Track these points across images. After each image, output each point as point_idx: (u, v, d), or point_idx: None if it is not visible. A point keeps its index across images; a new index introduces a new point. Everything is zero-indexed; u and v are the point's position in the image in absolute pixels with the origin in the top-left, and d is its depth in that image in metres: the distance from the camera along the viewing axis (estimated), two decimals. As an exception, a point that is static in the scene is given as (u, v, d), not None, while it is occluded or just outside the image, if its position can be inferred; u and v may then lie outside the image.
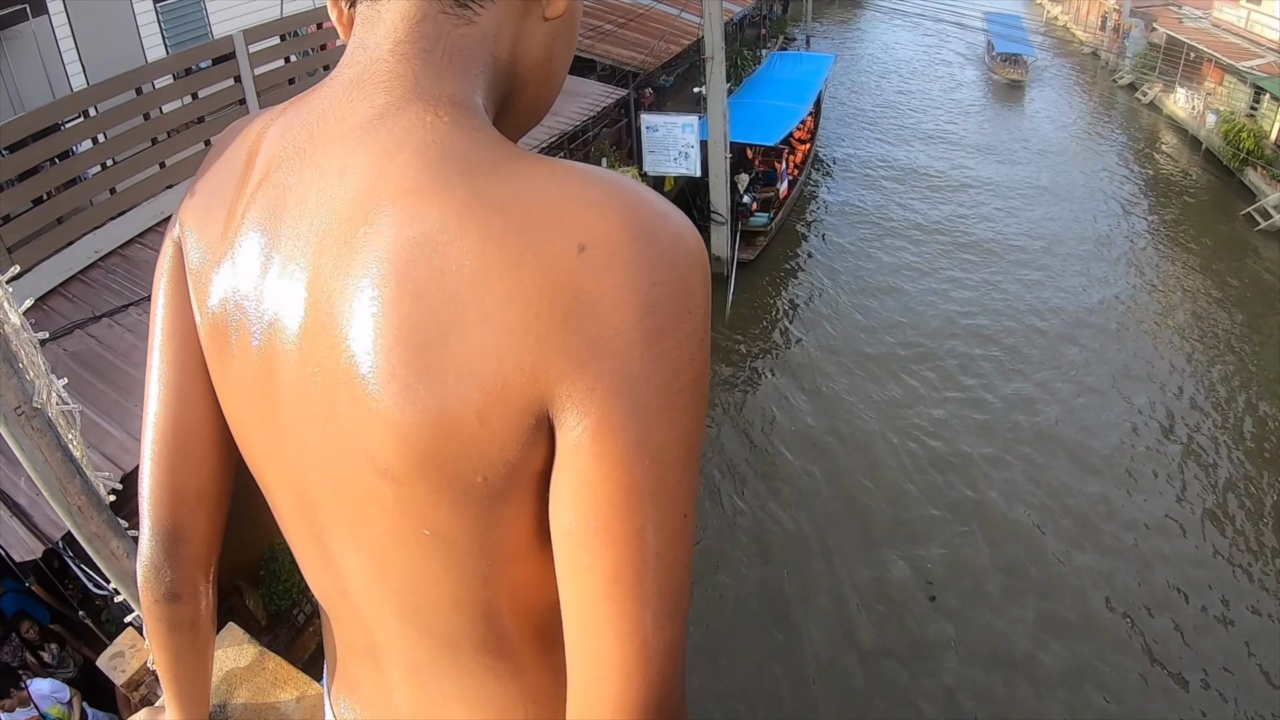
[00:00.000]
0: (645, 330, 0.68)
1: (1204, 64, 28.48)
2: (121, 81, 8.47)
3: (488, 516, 0.76)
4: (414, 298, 0.69)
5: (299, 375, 0.79)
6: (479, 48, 0.81)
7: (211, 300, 0.87)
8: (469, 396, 0.69)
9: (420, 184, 0.71)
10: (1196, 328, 17.36)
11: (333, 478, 0.80)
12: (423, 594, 0.84)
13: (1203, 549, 11.53)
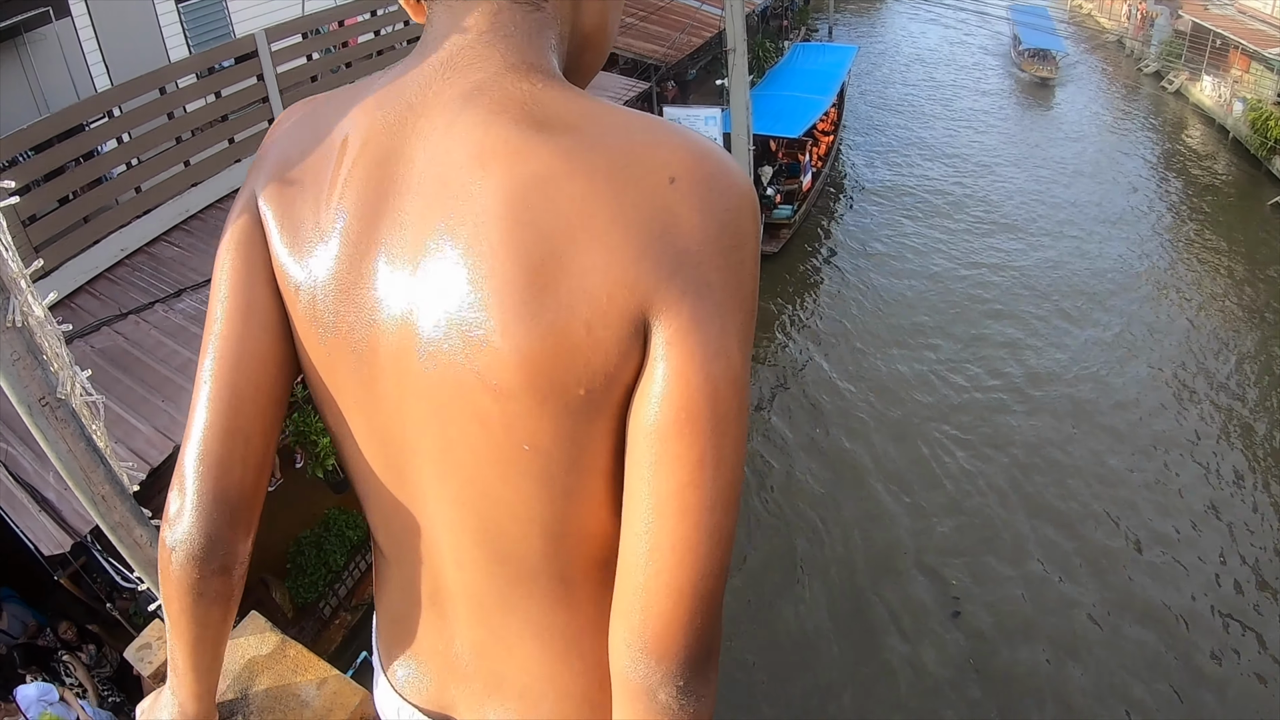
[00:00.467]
0: (721, 245, 0.81)
1: (1230, 51, 28.18)
2: (145, 81, 8.51)
3: (584, 430, 0.84)
4: (528, 225, 0.80)
5: (406, 313, 0.87)
6: (548, 27, 0.93)
7: (312, 264, 0.94)
8: (578, 309, 0.79)
9: (529, 134, 0.82)
10: (1226, 320, 17.19)
11: (434, 405, 0.87)
12: (510, 516, 0.91)
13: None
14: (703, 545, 0.82)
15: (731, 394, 0.82)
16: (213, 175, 9.18)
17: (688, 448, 0.81)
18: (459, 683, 1.07)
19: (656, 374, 0.80)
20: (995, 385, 14.68)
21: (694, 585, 0.82)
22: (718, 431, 0.81)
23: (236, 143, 9.50)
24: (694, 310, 0.79)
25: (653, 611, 0.83)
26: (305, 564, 8.85)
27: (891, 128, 27.21)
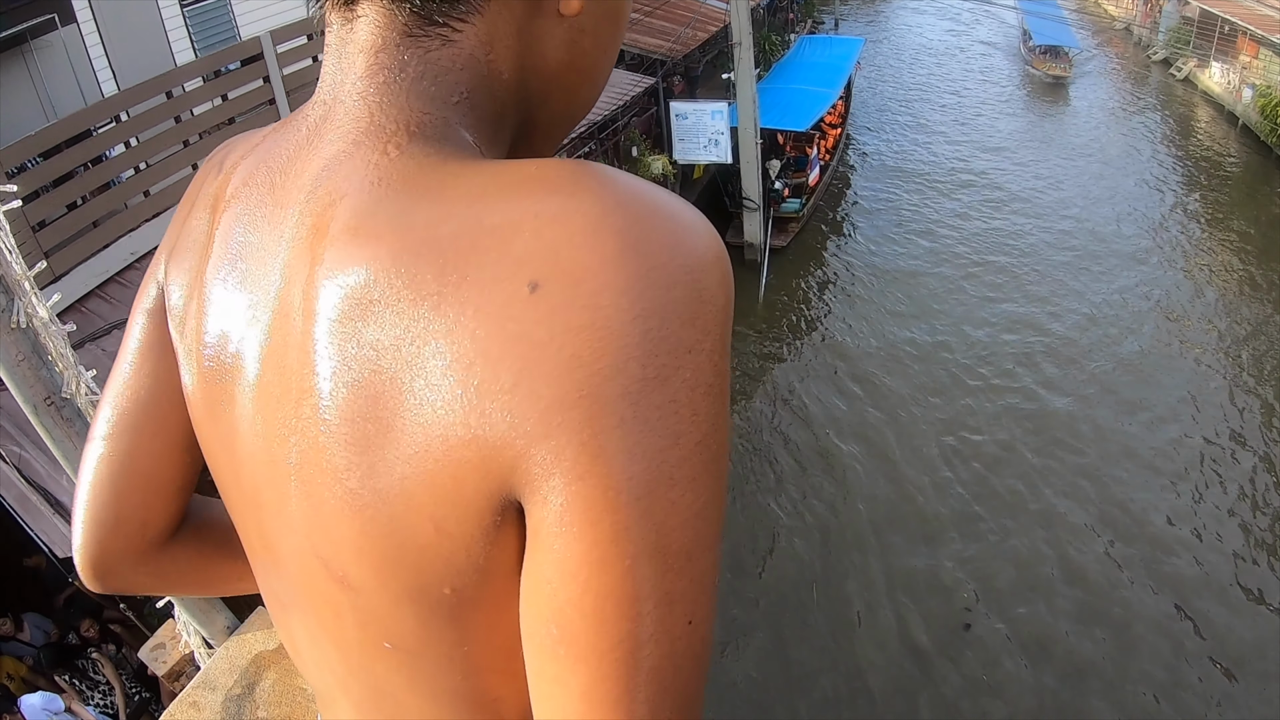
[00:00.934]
0: (626, 384, 0.51)
1: (1239, 37, 28.01)
2: (152, 85, 8.55)
3: (458, 628, 0.63)
4: (351, 387, 0.58)
5: (256, 458, 0.69)
6: (462, 69, 0.66)
7: (189, 349, 0.77)
8: (419, 500, 0.57)
9: (355, 245, 0.59)
10: (1234, 308, 17.13)
11: (294, 571, 0.71)
12: (399, 707, 0.72)
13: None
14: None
15: (641, 614, 0.53)
16: (221, 179, 9.22)
17: (569, 673, 0.55)
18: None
19: (529, 571, 0.57)
20: (1013, 387, 14.63)
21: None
22: (614, 661, 0.54)
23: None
24: (573, 498, 0.52)
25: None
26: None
27: (899, 120, 27.12)
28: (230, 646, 1.57)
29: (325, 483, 0.61)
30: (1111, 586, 10.50)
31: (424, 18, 0.64)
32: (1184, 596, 10.33)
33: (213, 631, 1.55)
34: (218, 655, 1.56)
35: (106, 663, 6.85)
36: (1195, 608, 10.17)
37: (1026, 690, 9.33)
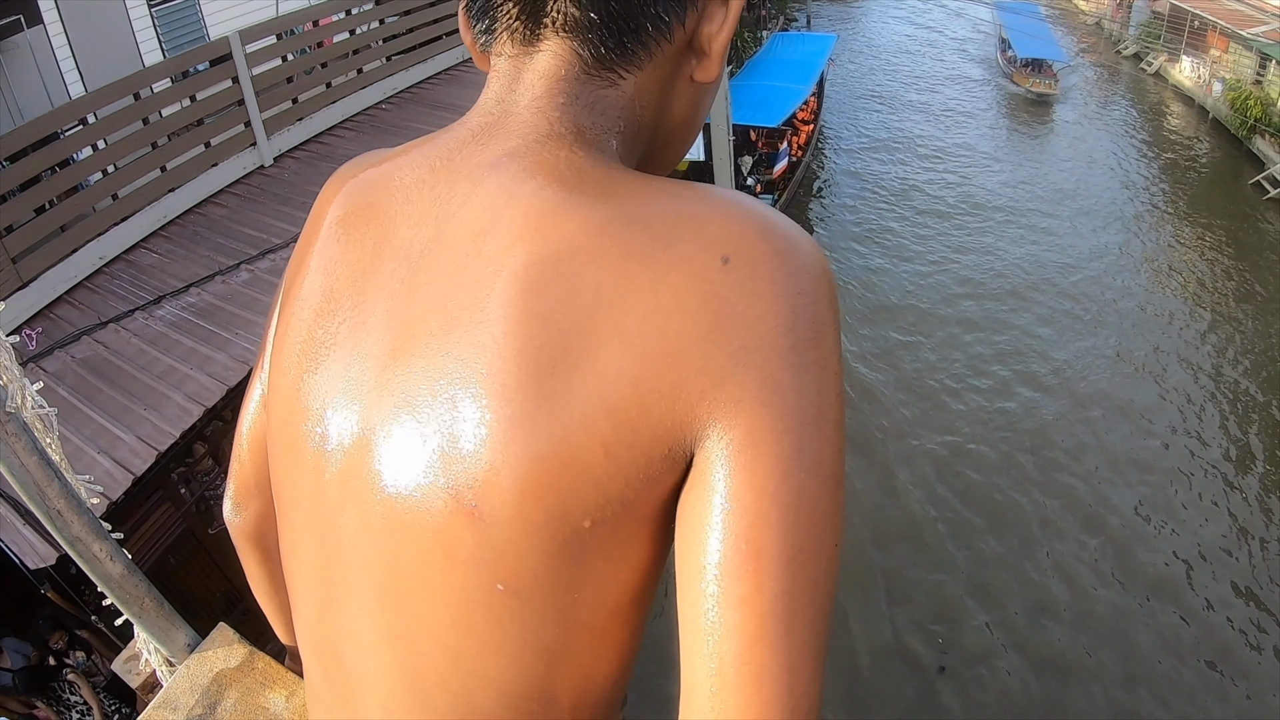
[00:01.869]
0: (794, 340, 0.64)
1: (1209, 32, 28.30)
2: (119, 87, 8.44)
3: (579, 573, 0.67)
4: (541, 318, 0.64)
5: (371, 406, 0.73)
6: (620, 109, 0.78)
7: (291, 338, 0.81)
8: (596, 424, 0.63)
9: (555, 204, 0.68)
10: (1204, 297, 17.29)
11: (386, 522, 0.71)
12: (460, 670, 0.71)
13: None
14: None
15: (812, 525, 0.63)
16: (190, 180, 9.11)
17: (754, 591, 0.62)
18: None
19: (706, 500, 0.64)
20: (982, 374, 14.70)
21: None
22: (792, 573, 0.62)
23: (213, 147, 9.43)
24: (758, 422, 0.62)
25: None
26: (294, 569, 8.81)
27: (871, 116, 27.22)
28: (191, 665, 1.53)
29: (492, 408, 0.65)
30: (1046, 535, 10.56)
31: (601, 63, 0.76)
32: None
33: (173, 649, 1.50)
34: (179, 674, 1.52)
35: (84, 683, 6.77)
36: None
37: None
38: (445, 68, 13.33)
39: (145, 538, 6.97)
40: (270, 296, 7.58)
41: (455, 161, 0.76)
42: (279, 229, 8.64)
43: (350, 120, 11.30)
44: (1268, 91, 24.80)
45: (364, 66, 11.83)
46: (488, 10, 0.80)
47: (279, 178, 9.85)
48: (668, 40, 0.77)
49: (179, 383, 6.79)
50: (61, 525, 1.26)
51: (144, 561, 6.91)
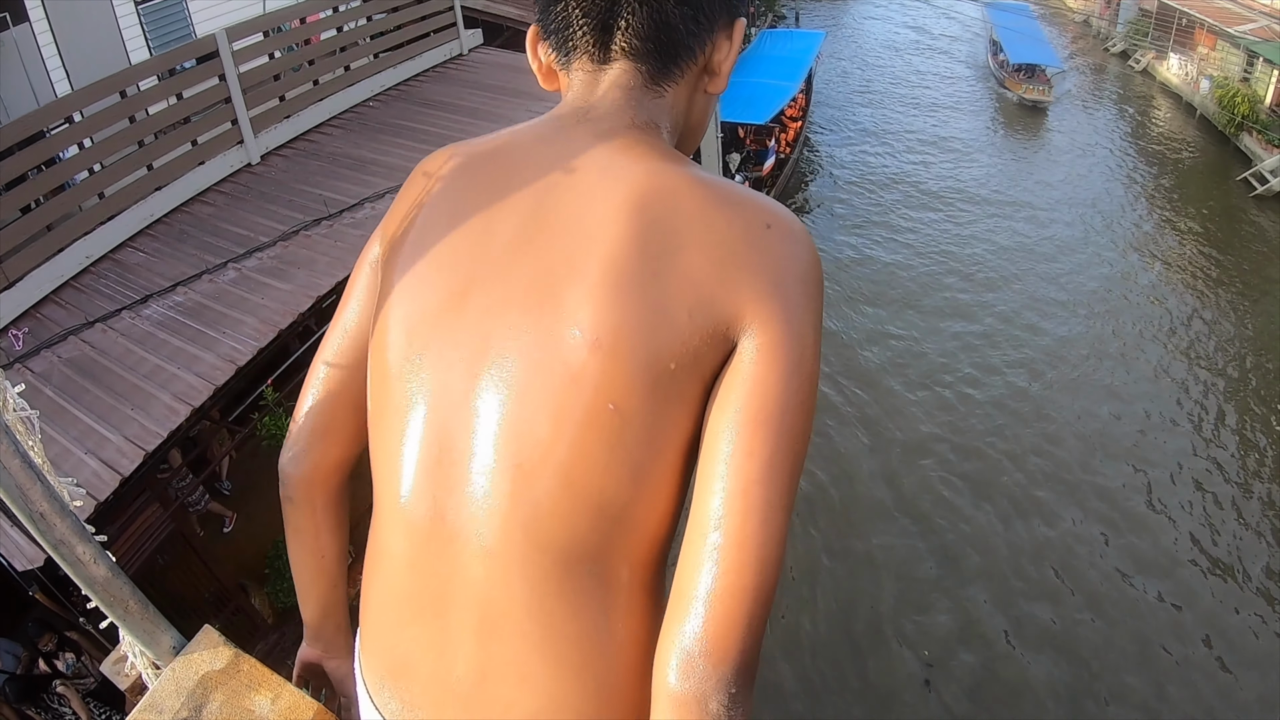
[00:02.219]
0: (805, 286, 0.96)
1: (1196, 29, 28.40)
2: (106, 85, 8.39)
3: (664, 407, 0.93)
4: (651, 220, 0.95)
5: (511, 272, 1.00)
6: (666, 111, 1.11)
7: (421, 237, 1.08)
8: (684, 295, 0.92)
9: (660, 161, 1.01)
10: (1193, 293, 17.34)
11: (519, 361, 0.96)
12: (569, 489, 0.94)
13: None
14: (766, 545, 0.89)
15: (801, 410, 0.93)
16: (177, 178, 9.07)
17: (761, 444, 0.90)
18: (457, 711, 1.01)
19: (744, 374, 0.92)
20: (970, 367, 14.72)
21: (756, 586, 0.89)
22: (787, 439, 0.92)
23: (200, 145, 9.39)
24: (782, 330, 0.93)
25: (716, 611, 0.88)
26: (284, 568, 8.74)
27: (860, 113, 27.24)
28: (176, 668, 1.52)
29: (616, 274, 0.93)
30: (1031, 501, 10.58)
31: (653, 79, 1.09)
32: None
33: (158, 652, 1.50)
34: (164, 677, 1.51)
35: (73, 695, 6.74)
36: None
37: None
38: (433, 65, 13.30)
39: (133, 538, 6.94)
40: (257, 295, 7.55)
41: (563, 134, 1.07)
42: (266, 227, 8.61)
43: (337, 118, 11.26)
44: (1255, 89, 24.90)
45: (351, 64, 11.80)
46: (567, 39, 1.11)
47: (266, 176, 9.81)
48: (693, 64, 1.11)
49: (166, 382, 6.76)
50: (45, 529, 1.25)
51: (132, 562, 6.88)
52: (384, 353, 1.06)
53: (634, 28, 1.06)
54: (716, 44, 1.12)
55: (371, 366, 1.10)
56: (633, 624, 0.99)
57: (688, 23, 1.07)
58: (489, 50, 14.69)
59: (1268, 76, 24.44)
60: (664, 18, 1.06)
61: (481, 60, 14.12)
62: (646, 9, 1.05)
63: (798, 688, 9.28)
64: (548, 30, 1.13)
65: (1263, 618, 10.18)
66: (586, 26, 1.08)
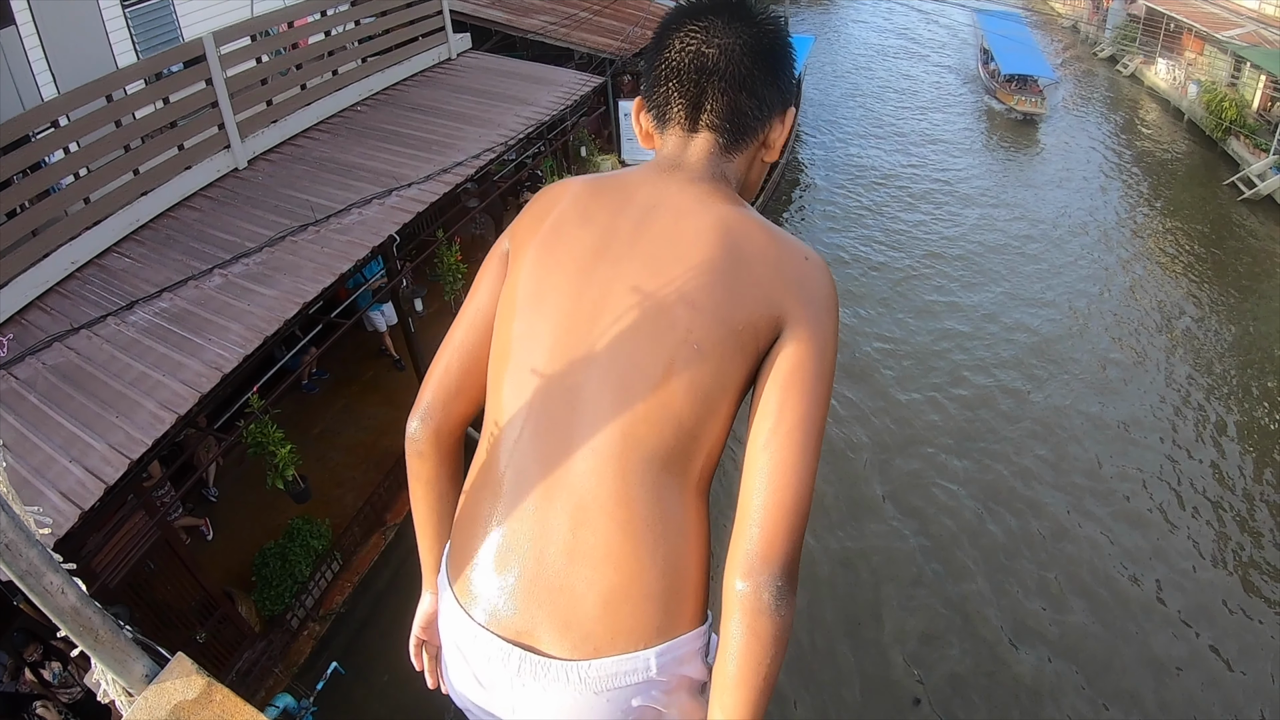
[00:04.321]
0: (829, 307, 1.36)
1: (1184, 34, 28.51)
2: (92, 89, 8.36)
3: (730, 352, 1.31)
4: (731, 243, 1.35)
5: (630, 265, 1.37)
6: (734, 171, 1.51)
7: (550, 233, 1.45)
8: (751, 288, 1.33)
9: (733, 205, 1.42)
10: (1184, 294, 17.39)
11: (633, 313, 1.33)
12: (661, 406, 1.30)
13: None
14: (805, 473, 1.27)
15: (825, 381, 1.33)
16: (163, 183, 9.04)
17: (799, 400, 1.29)
18: (545, 596, 1.30)
19: (787, 355, 1.31)
20: (959, 383, 14.74)
21: (797, 504, 1.25)
22: (816, 401, 1.30)
23: (186, 150, 9.35)
24: (812, 333, 1.33)
25: (765, 528, 1.23)
26: (270, 576, 8.72)
27: (848, 118, 27.25)
28: (149, 696, 1.50)
29: (709, 267, 1.33)
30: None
31: (727, 149, 1.48)
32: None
33: (131, 680, 1.47)
34: (136, 705, 1.49)
35: (52, 715, 6.70)
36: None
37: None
38: (421, 69, 13.29)
39: (119, 546, 6.89)
40: (243, 302, 7.51)
41: (662, 177, 1.46)
42: (252, 233, 8.58)
43: (325, 122, 11.24)
44: (1242, 93, 24.99)
45: (339, 68, 11.77)
46: (666, 114, 1.50)
47: (253, 181, 9.78)
48: (756, 139, 1.51)
49: (151, 389, 6.72)
50: (11, 560, 1.23)
51: (118, 569, 6.83)
52: (513, 304, 1.44)
53: (716, 111, 1.46)
54: (773, 126, 1.52)
55: (500, 315, 1.48)
56: (692, 515, 1.34)
57: (754, 110, 1.47)
58: (478, 54, 14.69)
59: (1255, 81, 24.52)
60: (738, 105, 1.46)
61: (470, 64, 14.12)
62: (725, 98, 1.45)
63: (791, 682, 9.27)
64: (651, 104, 1.53)
65: (1245, 610, 10.21)
66: (682, 107, 1.48)
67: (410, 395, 8.24)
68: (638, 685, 1.28)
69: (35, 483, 5.98)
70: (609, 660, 1.26)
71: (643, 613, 1.27)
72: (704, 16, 1.45)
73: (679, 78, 1.46)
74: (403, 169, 10.14)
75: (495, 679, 1.33)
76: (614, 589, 1.26)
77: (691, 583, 1.32)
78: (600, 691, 1.27)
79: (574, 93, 13.69)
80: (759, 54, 1.44)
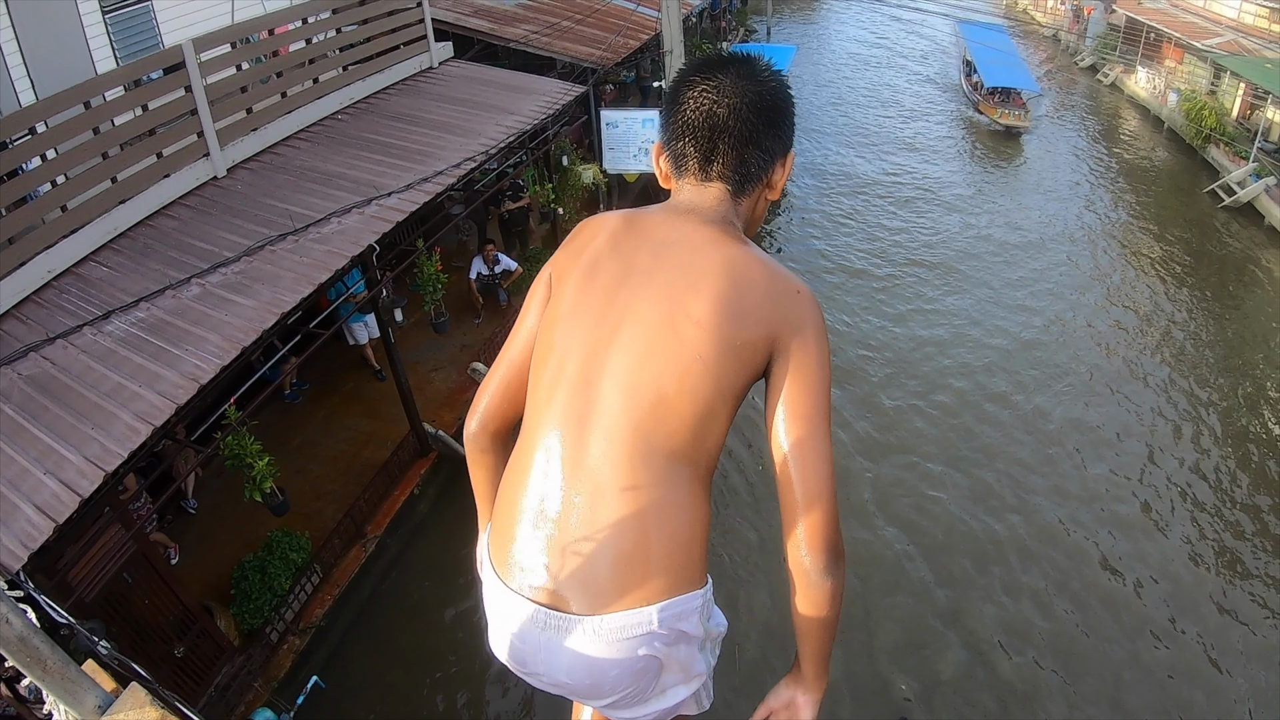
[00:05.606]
0: (819, 334, 1.59)
1: (1164, 44, 28.71)
2: (70, 95, 8.26)
3: (729, 365, 1.53)
4: (733, 278, 1.56)
5: (650, 288, 1.59)
6: (741, 213, 1.75)
7: (586, 260, 1.69)
8: (751, 313, 1.54)
9: (739, 245, 1.63)
10: (1161, 305, 17.47)
11: (646, 328, 1.56)
12: (671, 410, 1.52)
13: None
14: (822, 465, 1.52)
15: (826, 388, 1.58)
16: (141, 192, 8.95)
17: (807, 406, 1.55)
18: (568, 563, 1.53)
19: (793, 369, 1.56)
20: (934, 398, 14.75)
21: (829, 491, 1.52)
22: (821, 404, 1.56)
23: (165, 158, 9.26)
24: (811, 346, 1.57)
25: (810, 517, 1.50)
26: (249, 589, 8.63)
27: (831, 127, 27.33)
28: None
29: (713, 296, 1.54)
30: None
31: (736, 194, 1.72)
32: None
33: (83, 712, 1.42)
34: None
35: None
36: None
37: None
38: (403, 77, 13.23)
39: (95, 559, 6.79)
40: (221, 312, 7.44)
41: (679, 219, 1.68)
42: (231, 242, 8.49)
43: (305, 131, 11.16)
44: (1222, 101, 25.17)
45: (320, 76, 11.70)
46: (682, 164, 1.73)
47: (232, 189, 9.70)
48: (761, 184, 1.75)
49: (127, 401, 6.64)
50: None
51: (94, 583, 6.73)
52: (554, 320, 1.68)
53: (726, 164, 1.70)
54: (775, 170, 1.76)
55: (542, 329, 1.72)
56: (693, 498, 1.55)
57: (759, 161, 1.72)
58: (460, 63, 14.64)
59: (1234, 89, 24.71)
60: (745, 158, 1.70)
61: (452, 73, 14.07)
62: (735, 153, 1.69)
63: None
64: (669, 151, 1.75)
65: (1234, 613, 10.22)
66: (696, 160, 1.72)
67: (391, 406, 8.17)
68: (642, 636, 1.52)
69: (10, 495, 5.89)
70: (618, 614, 1.50)
71: (647, 576, 1.51)
72: (715, 75, 1.68)
73: (694, 135, 1.69)
74: (383, 178, 10.07)
75: (528, 636, 1.58)
76: (623, 555, 1.49)
77: (691, 553, 1.56)
78: (611, 641, 1.51)
79: (555, 102, 13.66)
80: (763, 110, 1.67)
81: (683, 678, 1.65)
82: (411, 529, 10.64)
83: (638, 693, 1.62)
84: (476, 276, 13.54)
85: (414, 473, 11.00)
